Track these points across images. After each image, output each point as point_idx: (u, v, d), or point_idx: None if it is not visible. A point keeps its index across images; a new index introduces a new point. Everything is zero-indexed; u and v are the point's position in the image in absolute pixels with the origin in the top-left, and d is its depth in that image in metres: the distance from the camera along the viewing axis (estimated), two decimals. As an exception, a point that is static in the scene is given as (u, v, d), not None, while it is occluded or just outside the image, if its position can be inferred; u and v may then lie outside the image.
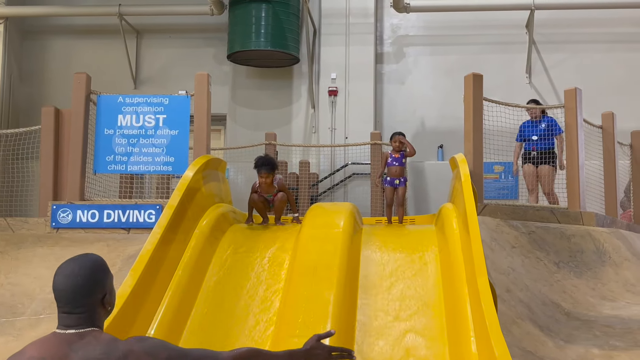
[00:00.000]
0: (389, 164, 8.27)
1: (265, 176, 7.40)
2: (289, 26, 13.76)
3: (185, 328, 5.64)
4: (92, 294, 2.40)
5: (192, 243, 6.36)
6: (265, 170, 7.40)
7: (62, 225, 8.09)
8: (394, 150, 8.29)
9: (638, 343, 5.67)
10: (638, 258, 8.34)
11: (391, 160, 8.27)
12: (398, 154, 8.24)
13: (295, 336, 5.09)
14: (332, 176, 13.62)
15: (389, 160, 8.30)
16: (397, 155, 8.24)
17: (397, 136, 8.35)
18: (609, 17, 14.22)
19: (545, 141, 9.46)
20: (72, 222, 8.02)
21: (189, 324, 5.69)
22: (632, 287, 7.63)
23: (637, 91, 14.08)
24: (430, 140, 14.13)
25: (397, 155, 8.24)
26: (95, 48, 15.16)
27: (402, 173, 8.30)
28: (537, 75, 14.38)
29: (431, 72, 14.62)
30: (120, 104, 8.46)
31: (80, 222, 8.01)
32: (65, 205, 8.13)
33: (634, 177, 10.96)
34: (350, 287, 5.81)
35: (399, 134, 8.45)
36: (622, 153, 10.82)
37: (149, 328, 5.25)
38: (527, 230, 7.73)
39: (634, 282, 7.74)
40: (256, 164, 7.55)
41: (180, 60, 14.94)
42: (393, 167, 8.22)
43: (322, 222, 6.67)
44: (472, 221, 5.68)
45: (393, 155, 8.27)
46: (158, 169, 8.49)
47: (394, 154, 8.26)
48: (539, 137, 9.48)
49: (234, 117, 14.89)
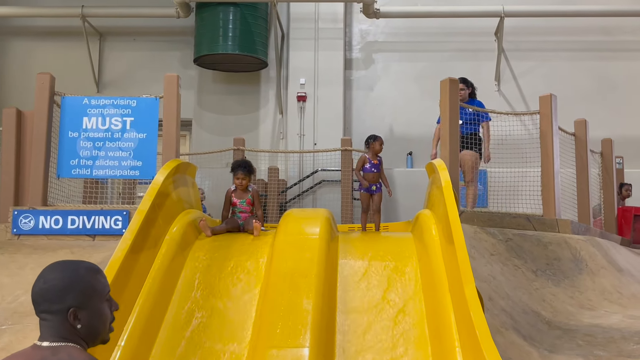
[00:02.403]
0: (367, 170, 8.05)
1: (242, 177, 7.25)
2: (257, 30, 13.55)
3: (156, 339, 5.37)
4: (53, 302, 2.14)
5: (162, 250, 6.09)
6: (242, 171, 7.25)
7: (24, 232, 7.74)
8: (372, 154, 8.06)
9: (622, 352, 5.56)
10: (614, 266, 8.28)
11: (369, 166, 8.02)
12: (376, 160, 8.03)
13: (273, 347, 4.87)
14: (301, 183, 13.42)
15: (367, 165, 8.07)
16: (375, 161, 8.02)
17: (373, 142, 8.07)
18: (577, 26, 14.32)
19: (470, 125, 8.88)
20: (34, 228, 7.67)
21: (159, 335, 5.43)
22: (610, 295, 7.56)
23: (604, 99, 14.19)
24: (400, 147, 14.04)
25: (375, 161, 8.02)
26: (57, 50, 14.79)
27: (379, 179, 8.11)
28: (505, 82, 14.39)
29: (400, 79, 14.55)
30: (85, 106, 8.15)
31: (43, 228, 7.66)
32: (27, 211, 7.78)
33: (604, 185, 10.96)
34: (329, 296, 5.61)
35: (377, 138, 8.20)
36: (593, 161, 10.81)
37: (119, 340, 4.97)
38: (504, 237, 7.61)
39: (611, 291, 7.66)
40: (233, 165, 7.43)
41: (145, 64, 14.65)
42: (370, 174, 8.01)
43: (298, 228, 6.45)
44: (456, 228, 5.52)
45: (371, 160, 8.03)
46: (125, 173, 8.18)
47: (372, 159, 8.04)
48: (464, 121, 8.76)
49: (200, 122, 14.64)
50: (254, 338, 5.26)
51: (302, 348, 4.84)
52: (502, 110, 10.19)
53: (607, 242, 9.07)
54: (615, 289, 7.75)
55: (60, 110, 8.21)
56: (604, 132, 12.06)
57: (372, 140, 8.15)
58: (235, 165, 7.45)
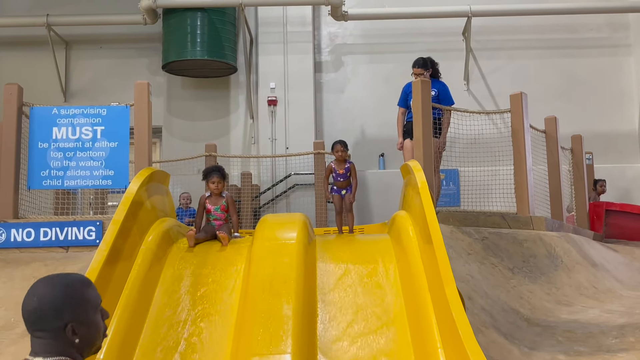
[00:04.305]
0: (335, 179, 7.91)
1: (217, 181, 7.13)
2: (225, 35, 13.47)
3: (135, 351, 5.30)
4: (49, 320, 2.10)
5: (138, 260, 6.01)
6: (216, 175, 7.15)
7: (-5, 246, 7.60)
8: (337, 162, 7.86)
9: (602, 347, 5.60)
10: (588, 261, 8.36)
11: (335, 176, 7.87)
12: (342, 169, 7.81)
13: (255, 354, 4.82)
14: (274, 187, 13.36)
15: (333, 174, 7.91)
16: (341, 171, 7.80)
17: (338, 145, 7.89)
18: (543, 24, 14.48)
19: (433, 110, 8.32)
20: (5, 241, 7.52)
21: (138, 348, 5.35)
22: (585, 290, 7.62)
23: (572, 96, 14.36)
24: (371, 149, 14.06)
25: (341, 171, 7.79)
26: (22, 60, 14.59)
27: (348, 184, 7.96)
28: (474, 82, 14.49)
29: (370, 81, 14.57)
30: (55, 116, 8.02)
31: (15, 242, 7.51)
32: (-3, 224, 7.65)
33: (575, 181, 11.07)
34: (309, 300, 5.57)
35: (341, 143, 7.96)
36: (564, 157, 10.91)
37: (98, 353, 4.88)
38: (480, 236, 7.64)
39: (587, 286, 7.73)
40: (206, 171, 7.33)
41: (113, 72, 14.51)
42: (338, 182, 7.89)
43: (275, 234, 6.40)
44: (434, 229, 5.53)
45: (337, 170, 7.82)
46: (97, 183, 8.06)
47: (338, 169, 7.81)
48: None
49: (170, 129, 14.53)
50: (234, 345, 5.21)
51: (284, 354, 4.79)
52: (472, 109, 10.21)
53: (581, 237, 9.16)
54: (590, 284, 7.82)
55: (29, 121, 8.08)
56: (572, 128, 12.20)
57: (333, 147, 7.98)
58: (208, 170, 7.35)
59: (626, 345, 5.56)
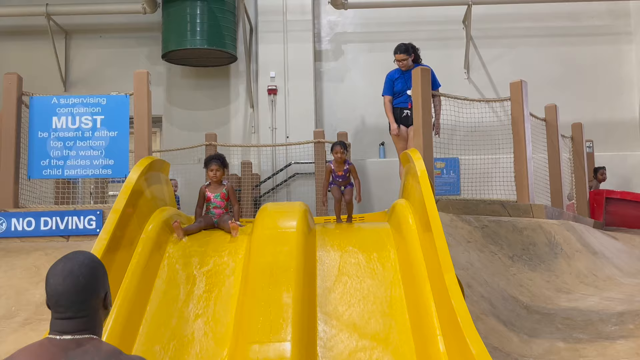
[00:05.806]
0: (334, 180, 7.79)
1: (216, 168, 7.09)
2: (225, 24, 13.45)
3: (136, 339, 5.32)
4: (94, 293, 2.21)
5: (138, 249, 6.03)
6: (215, 162, 7.11)
7: (-4, 235, 7.62)
8: (337, 163, 7.72)
9: (601, 334, 5.62)
10: (588, 249, 8.37)
11: (335, 177, 7.73)
12: (342, 171, 7.66)
13: (255, 342, 4.84)
14: (274, 176, 13.37)
15: (332, 175, 7.77)
16: (340, 172, 7.66)
17: (338, 146, 7.74)
18: (544, 12, 14.44)
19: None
20: (6, 231, 7.54)
21: (139, 335, 5.37)
22: (585, 278, 7.64)
23: (572, 84, 14.33)
24: (371, 138, 14.05)
25: (340, 173, 7.65)
26: (21, 49, 14.57)
27: (348, 183, 7.85)
28: (475, 70, 14.47)
29: (370, 69, 14.54)
30: (54, 105, 8.03)
31: (16, 231, 7.54)
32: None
33: (575, 169, 11.07)
34: (309, 288, 5.59)
35: (340, 144, 7.70)
36: (564, 145, 10.91)
37: (99, 341, 4.91)
38: (480, 224, 7.65)
39: (586, 274, 7.75)
40: (206, 159, 7.30)
41: (112, 61, 14.49)
42: (338, 182, 7.79)
43: (275, 222, 6.41)
44: (434, 217, 5.53)
45: (337, 172, 7.69)
46: (97, 172, 8.08)
47: (337, 171, 7.68)
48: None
49: (170, 119, 14.52)
50: (235, 333, 5.23)
51: (284, 342, 4.81)
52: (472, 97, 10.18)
53: (581, 225, 9.17)
54: (590, 272, 7.83)
55: (29, 111, 8.08)
56: (572, 116, 12.18)
57: (332, 149, 7.80)
58: (208, 158, 7.32)
59: (625, 332, 5.58)
